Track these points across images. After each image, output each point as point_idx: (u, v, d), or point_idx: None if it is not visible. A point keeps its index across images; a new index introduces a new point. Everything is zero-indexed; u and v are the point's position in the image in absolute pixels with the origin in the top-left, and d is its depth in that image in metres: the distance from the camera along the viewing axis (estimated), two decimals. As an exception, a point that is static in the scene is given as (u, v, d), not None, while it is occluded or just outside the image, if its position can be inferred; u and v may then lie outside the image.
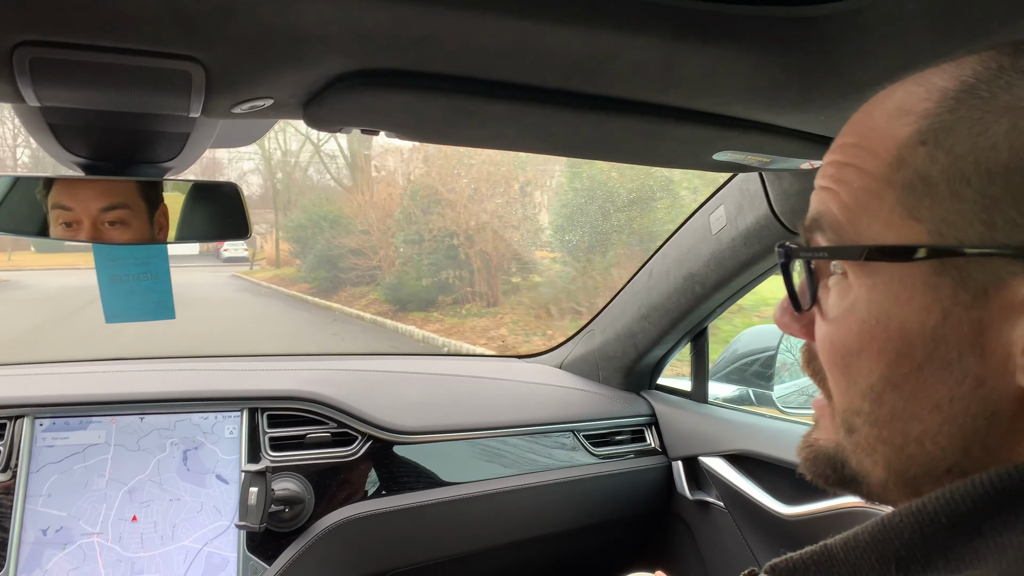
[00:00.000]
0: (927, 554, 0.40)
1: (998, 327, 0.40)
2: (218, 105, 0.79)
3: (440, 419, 1.50)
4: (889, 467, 0.45)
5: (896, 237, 0.43)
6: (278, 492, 1.29)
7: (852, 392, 0.46)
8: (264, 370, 1.52)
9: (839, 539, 0.45)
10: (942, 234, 0.41)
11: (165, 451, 1.32)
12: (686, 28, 0.66)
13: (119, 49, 0.65)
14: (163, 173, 1.07)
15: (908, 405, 0.43)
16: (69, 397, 1.31)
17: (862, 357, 0.45)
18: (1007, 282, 0.39)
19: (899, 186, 0.43)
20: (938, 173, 0.41)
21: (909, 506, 0.42)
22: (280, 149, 19.97)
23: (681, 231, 1.54)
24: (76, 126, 0.90)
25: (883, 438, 0.45)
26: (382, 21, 0.62)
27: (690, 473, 1.65)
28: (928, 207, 0.42)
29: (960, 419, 0.41)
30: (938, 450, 0.42)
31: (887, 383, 0.44)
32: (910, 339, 0.42)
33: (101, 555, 1.24)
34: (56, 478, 1.26)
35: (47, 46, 0.63)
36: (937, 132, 0.42)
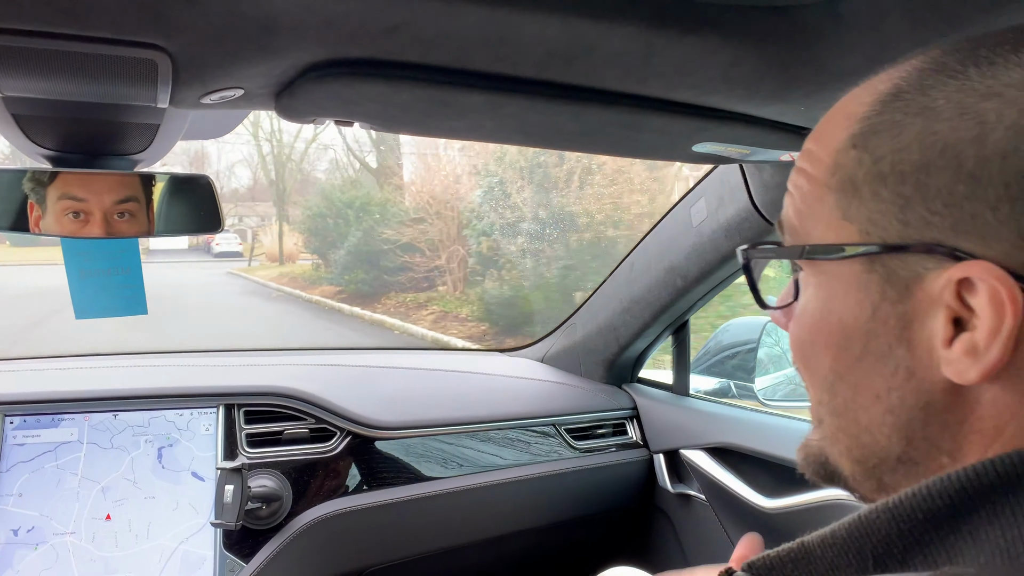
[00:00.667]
0: (904, 551, 0.40)
1: (920, 320, 0.42)
2: (187, 95, 0.77)
3: (420, 414, 1.49)
4: (851, 457, 0.47)
5: (834, 238, 0.45)
6: (255, 489, 1.27)
7: (815, 384, 0.49)
8: (240, 365, 1.50)
9: (816, 536, 0.45)
10: (868, 233, 0.43)
11: (139, 448, 1.29)
12: (664, 17, 0.65)
13: (81, 37, 0.63)
14: (133, 165, 1.05)
15: (855, 396, 0.46)
16: (40, 395, 1.28)
17: (814, 349, 0.48)
18: (924, 277, 0.41)
19: (835, 189, 0.45)
20: (863, 175, 0.44)
21: (886, 502, 0.42)
22: (278, 134, 18.93)
23: (662, 224, 1.53)
24: (41, 117, 0.88)
25: (841, 427, 0.47)
26: (353, 8, 0.61)
27: (671, 466, 1.65)
28: (856, 208, 0.44)
29: (898, 410, 0.43)
30: (885, 439, 0.44)
31: (835, 375, 0.47)
32: (848, 333, 0.45)
33: (74, 555, 1.21)
34: (27, 477, 1.23)
35: (5, 33, 0.61)
36: (866, 135, 0.44)
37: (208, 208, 1.05)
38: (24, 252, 19.03)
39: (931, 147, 0.41)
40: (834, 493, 1.21)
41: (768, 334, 1.58)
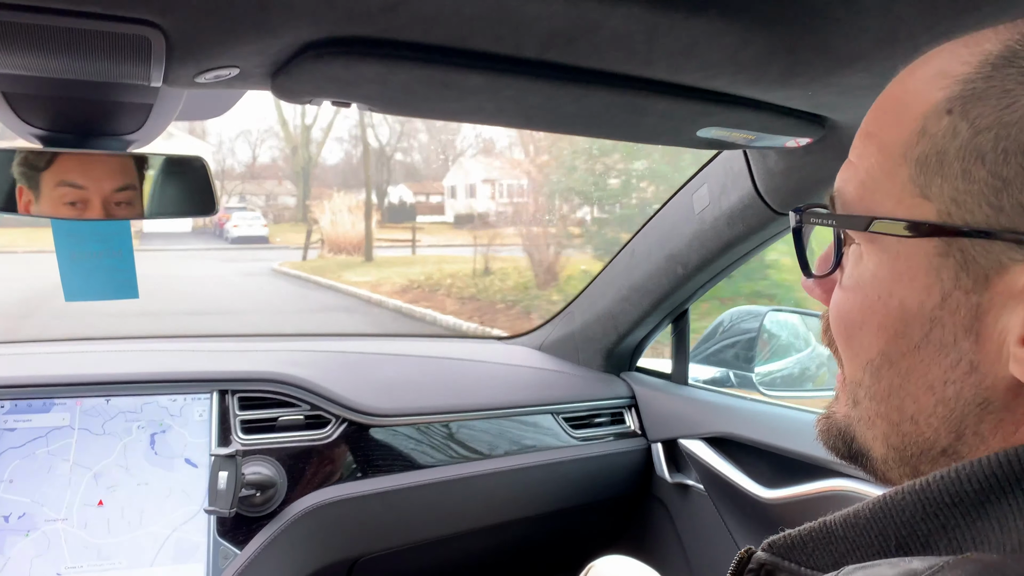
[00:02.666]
0: (928, 534, 0.39)
1: (996, 314, 0.39)
2: (180, 74, 0.75)
3: (416, 401, 1.47)
4: (888, 443, 0.45)
5: (905, 215, 0.42)
6: (249, 476, 1.26)
7: (855, 364, 0.46)
8: (235, 351, 1.48)
9: (839, 516, 0.44)
10: (950, 214, 0.40)
11: (132, 434, 1.28)
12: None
13: (72, 12, 0.61)
14: (126, 146, 1.03)
15: (904, 383, 0.43)
16: (32, 378, 1.26)
17: (864, 330, 0.45)
18: (1008, 268, 0.38)
19: (914, 162, 0.41)
20: (956, 149, 0.39)
21: (912, 484, 0.41)
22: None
23: (663, 210, 1.51)
24: (32, 95, 0.86)
25: (881, 413, 0.45)
26: None
27: (670, 455, 1.64)
28: (939, 185, 0.40)
29: (952, 402, 0.41)
30: (931, 431, 0.42)
31: (885, 359, 0.44)
32: (909, 318, 0.42)
33: (66, 541, 1.20)
34: (18, 463, 1.22)
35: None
36: (967, 100, 0.39)
37: (202, 190, 1.03)
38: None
39: None
40: (834, 484, 1.20)
41: (768, 324, 1.57)
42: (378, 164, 22.87)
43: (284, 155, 22.66)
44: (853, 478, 1.18)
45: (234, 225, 19.84)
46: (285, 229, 21.50)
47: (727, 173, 1.30)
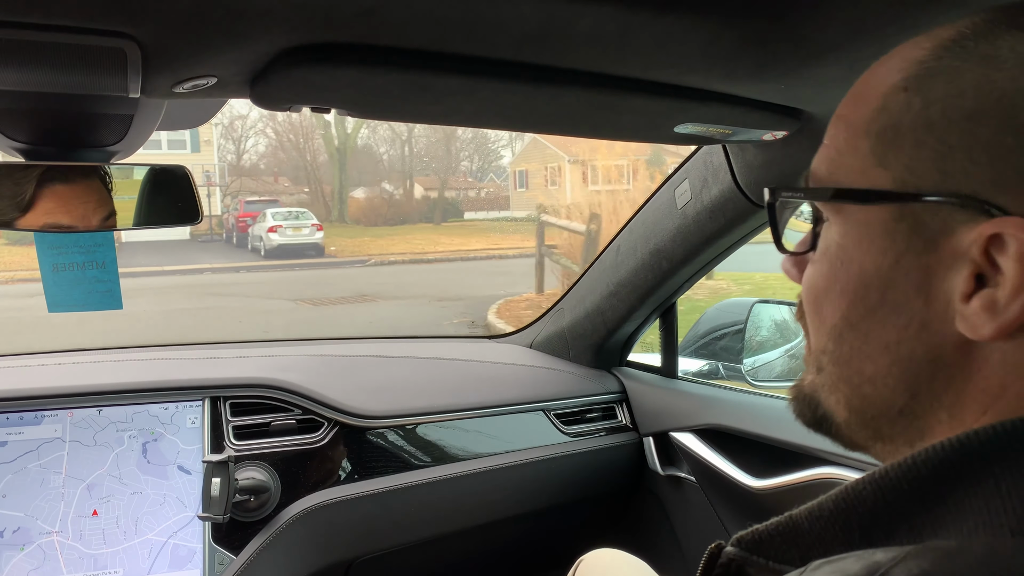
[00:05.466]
0: (890, 522, 0.40)
1: (943, 274, 0.41)
2: (158, 84, 0.76)
3: (408, 402, 1.48)
4: (849, 406, 0.47)
5: (866, 184, 0.44)
6: (242, 481, 1.26)
7: (821, 332, 0.49)
8: (225, 358, 1.49)
9: (804, 509, 0.45)
10: (904, 182, 0.42)
11: (123, 444, 1.28)
12: None
13: (46, 26, 0.61)
14: (109, 157, 1.03)
15: (862, 345, 0.45)
16: (22, 391, 1.27)
17: (828, 297, 0.47)
18: (954, 230, 0.41)
19: (874, 135, 0.44)
20: (909, 120, 0.42)
21: (872, 474, 0.42)
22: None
23: (647, 206, 1.53)
24: (12, 109, 0.86)
25: (843, 377, 0.47)
26: None
27: (661, 449, 1.65)
28: (895, 155, 0.43)
29: (906, 362, 0.43)
30: (888, 391, 0.44)
31: (846, 323, 0.46)
32: (867, 281, 0.45)
33: (62, 554, 1.20)
34: (10, 478, 1.22)
35: None
36: (920, 78, 0.43)
37: (186, 199, 1.04)
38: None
39: (987, 95, 0.39)
40: (823, 471, 1.22)
41: (755, 316, 1.58)
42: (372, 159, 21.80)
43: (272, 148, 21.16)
44: (841, 465, 1.19)
45: (269, 229, 14.64)
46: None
47: (707, 168, 1.31)
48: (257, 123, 23.03)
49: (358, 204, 22.43)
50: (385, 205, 22.79)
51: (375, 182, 23.64)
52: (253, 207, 17.36)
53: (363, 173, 23.29)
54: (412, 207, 22.93)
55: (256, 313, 9.65)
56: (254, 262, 14.57)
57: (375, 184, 23.55)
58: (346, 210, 21.31)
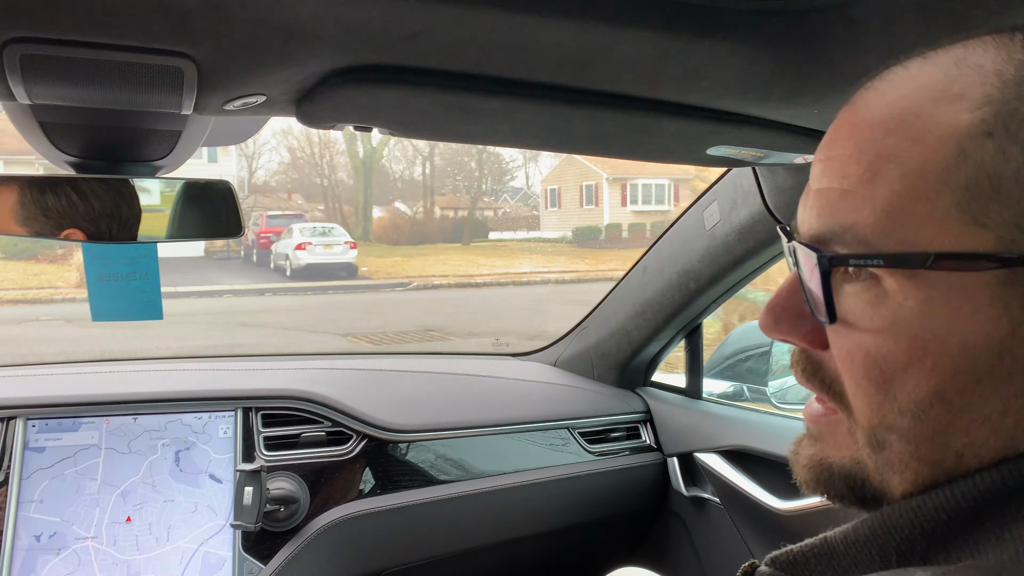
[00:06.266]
0: (927, 548, 0.40)
1: None
2: (210, 102, 0.79)
3: (434, 417, 1.50)
4: (917, 482, 0.42)
5: (954, 244, 0.39)
6: (273, 491, 1.28)
7: (887, 408, 0.42)
8: (257, 369, 1.51)
9: (839, 532, 0.45)
10: (1015, 240, 0.38)
11: (156, 452, 1.31)
12: (677, 22, 0.66)
13: (110, 45, 0.64)
14: (155, 172, 1.06)
15: (956, 419, 0.40)
16: (61, 398, 1.30)
17: (909, 372, 0.41)
18: None
19: (960, 188, 0.38)
20: (1012, 173, 0.37)
21: (909, 502, 0.41)
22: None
23: (675, 227, 1.54)
24: (67, 124, 0.90)
25: (919, 455, 0.42)
26: (373, 16, 0.62)
27: (685, 469, 1.65)
28: (997, 211, 0.38)
29: (1009, 432, 0.39)
30: (976, 462, 0.40)
31: (938, 398, 0.40)
32: (972, 354, 0.39)
33: (96, 559, 1.23)
34: (47, 483, 1.25)
35: (37, 42, 0.62)
36: (1007, 122, 0.38)
37: (228, 212, 1.06)
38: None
39: None
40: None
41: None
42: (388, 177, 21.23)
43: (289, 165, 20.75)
44: None
45: (297, 247, 13.15)
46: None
47: (737, 190, 1.32)
48: (270, 140, 23.02)
49: (379, 222, 22.05)
50: (407, 224, 22.59)
51: (391, 200, 23.59)
52: (276, 222, 15.92)
53: (381, 191, 23.21)
54: (433, 226, 22.78)
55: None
56: (280, 283, 13.10)
57: (391, 202, 23.49)
58: (370, 227, 20.63)
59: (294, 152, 23.18)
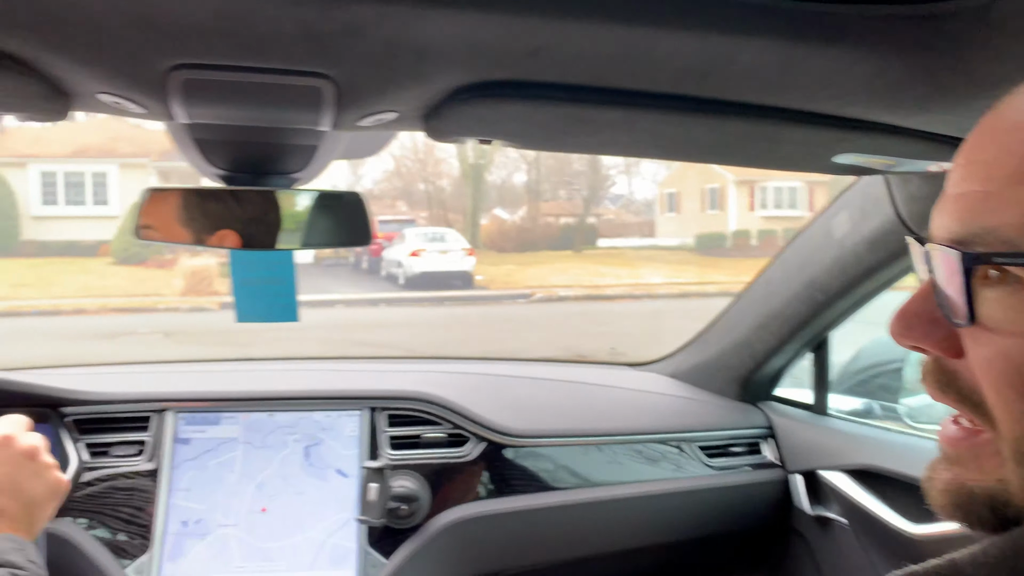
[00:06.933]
0: None
1: None
2: (346, 119, 0.84)
3: (552, 423, 1.52)
4: None
5: None
6: (396, 489, 1.34)
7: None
8: (383, 371, 1.58)
9: (966, 553, 0.43)
10: None
11: (288, 447, 1.39)
12: (803, 30, 0.65)
13: (258, 68, 0.70)
14: (292, 183, 1.13)
15: None
16: (205, 393, 1.40)
17: None
18: None
19: None
20: None
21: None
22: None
23: (801, 237, 1.50)
24: (219, 141, 0.97)
25: None
26: (498, 35, 0.65)
27: (810, 488, 1.60)
28: None
29: None
30: None
31: None
32: None
33: (236, 545, 1.32)
34: (193, 473, 1.35)
35: (197, 68, 0.69)
36: None
37: (359, 221, 1.12)
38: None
39: None
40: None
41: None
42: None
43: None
44: None
45: (412, 253, 12.28)
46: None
47: (866, 199, 1.27)
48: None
49: (484, 229, 21.60)
50: (514, 230, 22.33)
51: (490, 207, 23.53)
52: (388, 227, 15.20)
53: (486, 197, 23.24)
54: (539, 233, 22.38)
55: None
56: (394, 293, 12.13)
57: (489, 209, 23.33)
58: (479, 234, 19.79)
59: (398, 160, 23.52)
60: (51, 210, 19.11)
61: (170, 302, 13.16)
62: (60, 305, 12.44)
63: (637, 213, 25.26)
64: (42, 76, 0.70)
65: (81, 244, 17.97)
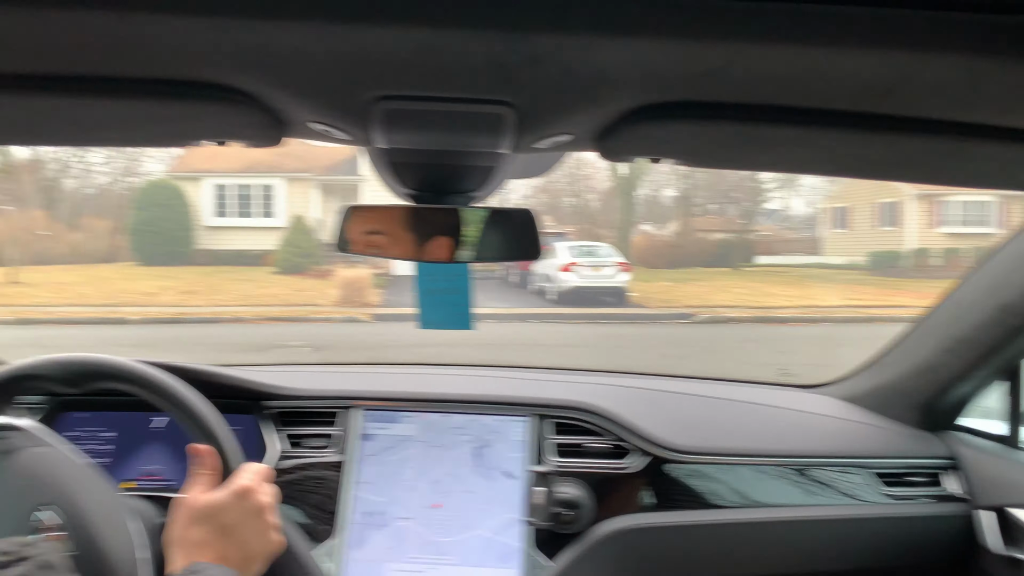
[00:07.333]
0: None
1: None
2: (524, 141, 0.90)
3: (719, 441, 1.51)
4: None
5: None
6: (560, 494, 1.38)
7: None
8: (549, 381, 1.63)
9: None
10: None
11: (459, 447, 1.47)
12: (994, 43, 0.63)
13: (450, 98, 0.77)
14: (470, 201, 1.21)
15: None
16: (388, 393, 1.52)
17: None
18: None
19: None
20: None
21: None
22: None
23: (994, 258, 1.40)
24: (410, 163, 1.07)
25: None
26: (673, 58, 0.67)
27: (1000, 525, 1.48)
28: None
29: None
30: None
31: None
32: None
33: (412, 537, 1.41)
34: (375, 468, 1.46)
35: (397, 99, 0.77)
36: None
37: (529, 237, 1.18)
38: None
39: None
40: None
41: None
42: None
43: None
44: None
45: (563, 268, 11.60)
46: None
47: (1071, 216, 1.18)
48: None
49: (634, 244, 20.86)
50: (665, 245, 21.74)
51: (640, 222, 22.98)
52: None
53: (635, 212, 22.71)
54: (691, 248, 21.65)
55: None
56: (545, 308, 11.69)
57: (641, 223, 22.89)
58: (629, 249, 18.79)
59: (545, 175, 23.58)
60: (222, 221, 20.73)
61: (325, 311, 13.41)
62: (220, 312, 13.06)
63: (796, 229, 23.96)
64: (263, 108, 0.80)
65: (249, 254, 19.37)
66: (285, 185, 20.83)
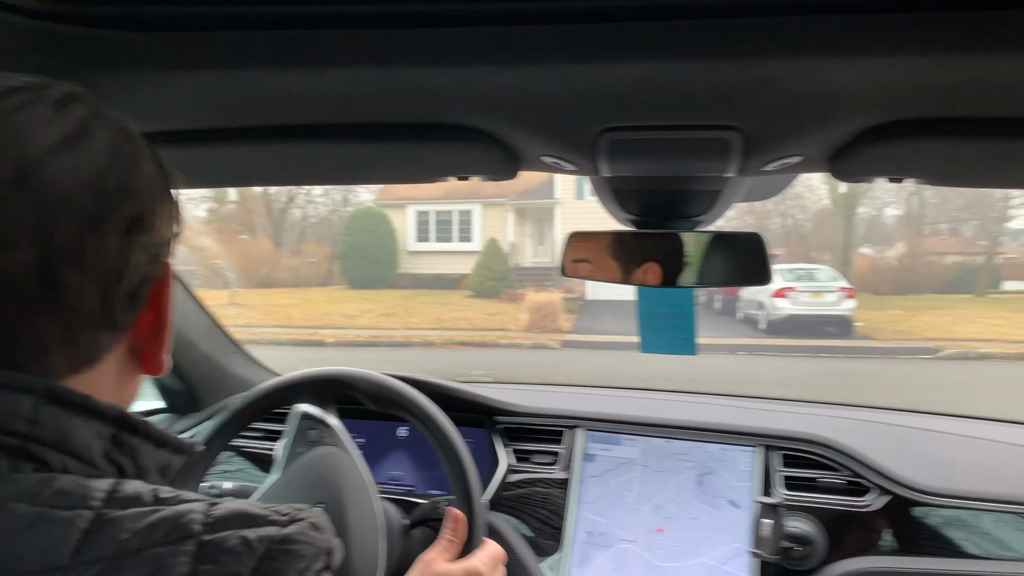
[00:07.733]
0: None
1: None
2: (751, 165, 0.89)
3: (972, 484, 1.36)
4: None
5: None
6: (790, 528, 1.33)
7: None
8: (779, 411, 1.57)
9: None
10: None
11: (682, 473, 1.46)
12: None
13: (674, 126, 0.79)
14: (694, 226, 1.22)
15: None
16: (611, 415, 1.54)
17: None
18: None
19: None
20: None
21: None
22: None
23: None
24: (632, 190, 1.10)
25: None
26: (912, 74, 0.65)
27: None
28: None
29: None
30: None
31: None
32: None
33: (635, 561, 1.42)
34: (597, 489, 1.49)
35: (622, 130, 0.80)
36: None
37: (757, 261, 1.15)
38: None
39: None
40: None
41: None
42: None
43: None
44: None
45: (776, 293, 10.38)
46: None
47: None
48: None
49: (855, 267, 18.98)
50: (890, 269, 19.73)
51: (859, 243, 20.98)
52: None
53: (842, 233, 20.59)
54: (922, 272, 19.45)
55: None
56: (756, 339, 10.43)
57: (859, 245, 20.93)
58: (850, 273, 16.91)
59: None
60: (423, 246, 21.92)
61: (514, 336, 13.44)
62: (411, 336, 13.33)
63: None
64: (501, 145, 0.87)
65: (447, 277, 20.37)
66: (481, 210, 21.68)
